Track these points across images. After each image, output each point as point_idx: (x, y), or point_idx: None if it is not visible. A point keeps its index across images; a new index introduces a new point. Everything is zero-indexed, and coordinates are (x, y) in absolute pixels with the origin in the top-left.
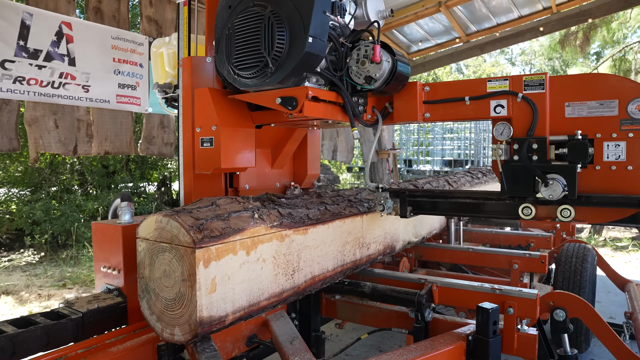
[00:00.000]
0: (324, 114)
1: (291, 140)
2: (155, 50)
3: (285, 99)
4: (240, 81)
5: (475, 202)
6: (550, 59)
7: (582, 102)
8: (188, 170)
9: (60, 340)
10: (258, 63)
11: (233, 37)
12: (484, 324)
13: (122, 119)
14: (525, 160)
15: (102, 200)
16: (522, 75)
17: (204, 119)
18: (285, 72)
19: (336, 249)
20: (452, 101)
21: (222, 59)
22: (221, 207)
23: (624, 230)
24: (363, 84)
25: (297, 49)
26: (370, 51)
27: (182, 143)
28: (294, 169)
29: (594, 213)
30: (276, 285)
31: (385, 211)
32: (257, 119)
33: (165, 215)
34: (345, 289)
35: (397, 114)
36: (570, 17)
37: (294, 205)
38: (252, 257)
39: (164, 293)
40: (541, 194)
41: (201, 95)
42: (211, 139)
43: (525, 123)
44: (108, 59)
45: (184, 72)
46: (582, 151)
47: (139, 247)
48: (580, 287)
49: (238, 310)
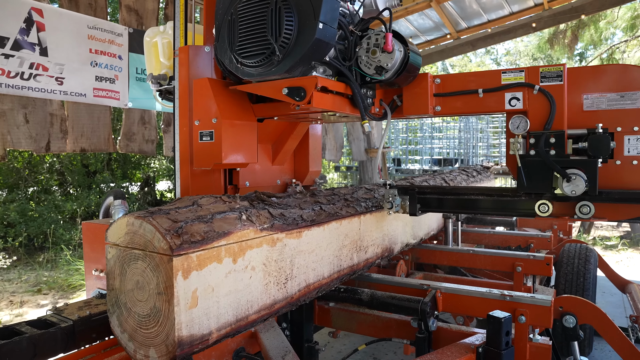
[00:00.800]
0: (332, 105)
1: (293, 135)
2: (149, 40)
3: (293, 89)
4: (244, 70)
5: (489, 198)
6: (535, 59)
7: (602, 94)
8: (185, 166)
9: (49, 352)
10: (264, 50)
11: (236, 23)
12: (495, 334)
13: (100, 114)
14: (543, 154)
15: (82, 200)
16: (538, 67)
17: (203, 112)
18: (293, 61)
19: (332, 253)
20: (464, 94)
21: (223, 46)
22: (204, 207)
23: (612, 229)
24: (373, 75)
25: (307, 36)
26: (382, 40)
27: (179, 138)
28: (295, 166)
29: (614, 210)
30: (267, 296)
31: (393, 209)
32: (259, 111)
33: (138, 217)
34: (341, 297)
35: (406, 107)
36: (562, 13)
37: (286, 205)
38: (239, 264)
39: (137, 308)
40: (562, 189)
41: (200, 86)
42: (211, 132)
43: (542, 116)
44: (84, 50)
45: (181, 62)
46: (604, 145)
47: (108, 255)
48: (583, 289)
49: (224, 327)
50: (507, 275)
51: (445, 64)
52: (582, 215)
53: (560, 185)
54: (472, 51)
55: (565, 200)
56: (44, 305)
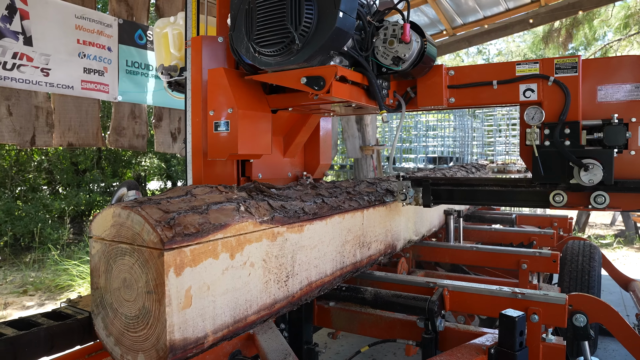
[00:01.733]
0: (349, 95)
1: (305, 128)
2: (159, 31)
3: (312, 78)
4: (261, 59)
5: (504, 190)
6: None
7: (616, 85)
8: (197, 157)
9: (66, 343)
10: (283, 39)
11: (255, 12)
12: (508, 334)
13: (88, 107)
14: (559, 145)
15: (71, 199)
16: (553, 58)
17: (218, 102)
18: (312, 50)
19: (335, 249)
20: (479, 85)
21: (239, 36)
22: (198, 197)
23: (606, 228)
24: (390, 65)
25: (327, 25)
26: (400, 30)
27: (191, 129)
28: (305, 159)
29: (629, 199)
30: (267, 295)
31: (407, 200)
32: (274, 102)
33: (126, 208)
34: (343, 295)
35: (420, 98)
36: (559, 9)
37: (287, 197)
38: (237, 260)
39: (124, 309)
40: (580, 179)
41: (216, 76)
42: (227, 122)
43: (556, 107)
44: (71, 40)
45: (194, 52)
46: (620, 135)
47: (92, 250)
48: (588, 287)
49: (220, 329)
50: (509, 272)
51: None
52: (597, 205)
53: (576, 175)
54: (468, 47)
55: (579, 190)
56: (30, 307)
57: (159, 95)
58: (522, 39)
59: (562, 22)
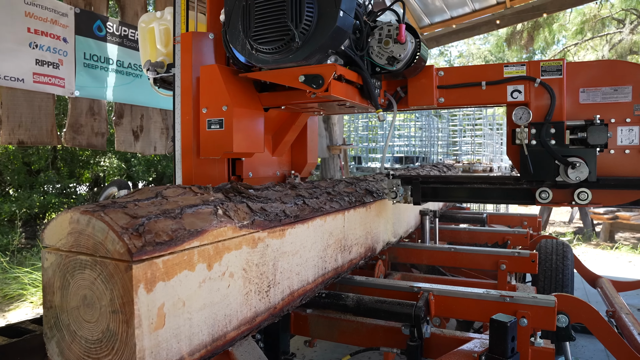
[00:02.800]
0: (345, 94)
1: (294, 126)
2: (144, 26)
3: (310, 76)
4: (258, 57)
5: (492, 187)
6: (487, 61)
7: (597, 88)
8: (187, 156)
9: None
10: (283, 37)
11: (253, 8)
12: (500, 340)
13: (41, 102)
14: (545, 144)
15: (23, 202)
16: (539, 61)
17: (211, 99)
18: (312, 48)
19: (317, 254)
20: (467, 86)
21: (235, 32)
22: (170, 199)
23: (565, 225)
24: (385, 65)
25: (327, 23)
26: (395, 31)
27: (181, 127)
28: (292, 157)
29: (610, 195)
30: (247, 308)
31: (397, 199)
32: (266, 100)
33: (85, 212)
34: (323, 303)
35: (411, 98)
36: (524, 11)
37: (266, 199)
38: (215, 271)
39: (84, 331)
40: (567, 176)
41: (209, 73)
42: (221, 120)
43: (542, 108)
44: (20, 28)
45: (184, 49)
46: (602, 135)
47: (44, 262)
48: (562, 286)
49: (197, 349)
50: (484, 273)
51: None
52: (580, 201)
53: (562, 173)
54: (436, 47)
55: (564, 188)
56: None
57: (120, 90)
58: (482, 41)
59: (525, 25)
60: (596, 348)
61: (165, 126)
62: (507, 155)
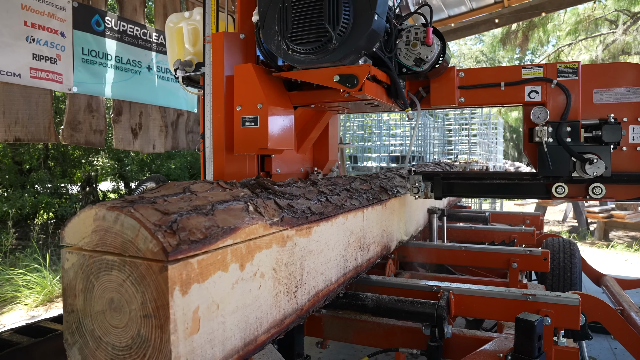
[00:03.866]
0: (375, 94)
1: (318, 125)
2: (172, 26)
3: (345, 76)
4: (294, 57)
5: (511, 183)
6: (478, 62)
7: (610, 89)
8: (219, 152)
9: None
10: (320, 38)
11: (290, 11)
12: (527, 340)
13: (38, 98)
14: (562, 142)
15: (14, 201)
16: (555, 63)
17: (246, 97)
18: (348, 49)
19: (339, 253)
20: (487, 86)
21: (269, 33)
22: (199, 195)
23: (559, 224)
24: (412, 66)
25: (363, 26)
26: (422, 33)
27: (212, 124)
28: (314, 154)
29: (623, 190)
30: (277, 310)
31: (419, 194)
32: (296, 99)
33: (112, 208)
34: (341, 303)
35: (434, 98)
36: (522, 10)
37: (291, 195)
38: (247, 271)
39: (111, 337)
40: (584, 172)
41: (243, 72)
42: (255, 118)
43: (559, 108)
44: (17, 22)
45: (215, 48)
46: (616, 133)
47: (65, 263)
48: (571, 284)
49: (230, 355)
50: (492, 272)
51: None
52: (595, 195)
53: (578, 169)
54: None
55: (578, 183)
56: None
57: (119, 87)
58: (474, 41)
59: (520, 25)
60: (602, 347)
61: (164, 124)
62: (524, 153)
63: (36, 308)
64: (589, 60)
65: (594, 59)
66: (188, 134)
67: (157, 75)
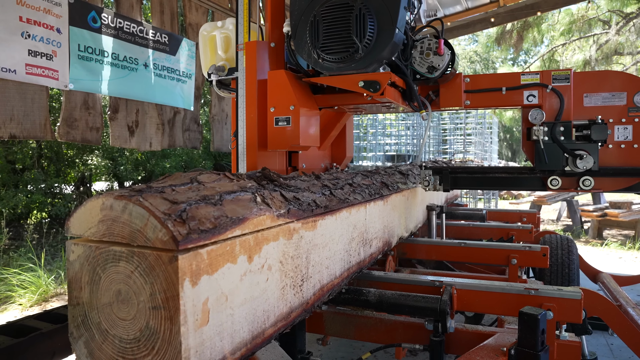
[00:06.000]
0: (394, 97)
1: (338, 124)
2: (206, 34)
3: (368, 82)
4: (324, 64)
5: (511, 176)
6: (472, 62)
7: (598, 94)
8: (252, 148)
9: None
10: (348, 48)
11: (320, 24)
12: (530, 334)
13: (34, 94)
14: (557, 140)
15: (8, 201)
16: (550, 71)
17: (279, 100)
18: (372, 59)
19: (343, 247)
20: (490, 91)
21: (301, 43)
22: (207, 185)
23: (554, 223)
24: (425, 73)
25: (385, 38)
26: (434, 44)
27: (245, 123)
28: (332, 151)
29: (609, 182)
30: (284, 304)
31: (429, 187)
32: (322, 101)
33: (120, 197)
34: (344, 298)
35: (443, 100)
36: (518, 9)
37: (297, 188)
38: (255, 263)
39: (118, 330)
40: (575, 166)
41: (277, 77)
42: (288, 118)
43: (553, 110)
44: (12, 17)
45: (248, 55)
46: (603, 132)
47: (70, 255)
48: (569, 280)
49: (239, 348)
50: (490, 268)
51: None
52: (585, 187)
53: (570, 163)
54: None
55: (570, 176)
56: None
57: (115, 84)
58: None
59: (514, 25)
60: (599, 342)
61: (161, 121)
62: (522, 150)
63: (31, 308)
64: (583, 60)
65: (588, 59)
66: (185, 132)
67: (153, 72)
